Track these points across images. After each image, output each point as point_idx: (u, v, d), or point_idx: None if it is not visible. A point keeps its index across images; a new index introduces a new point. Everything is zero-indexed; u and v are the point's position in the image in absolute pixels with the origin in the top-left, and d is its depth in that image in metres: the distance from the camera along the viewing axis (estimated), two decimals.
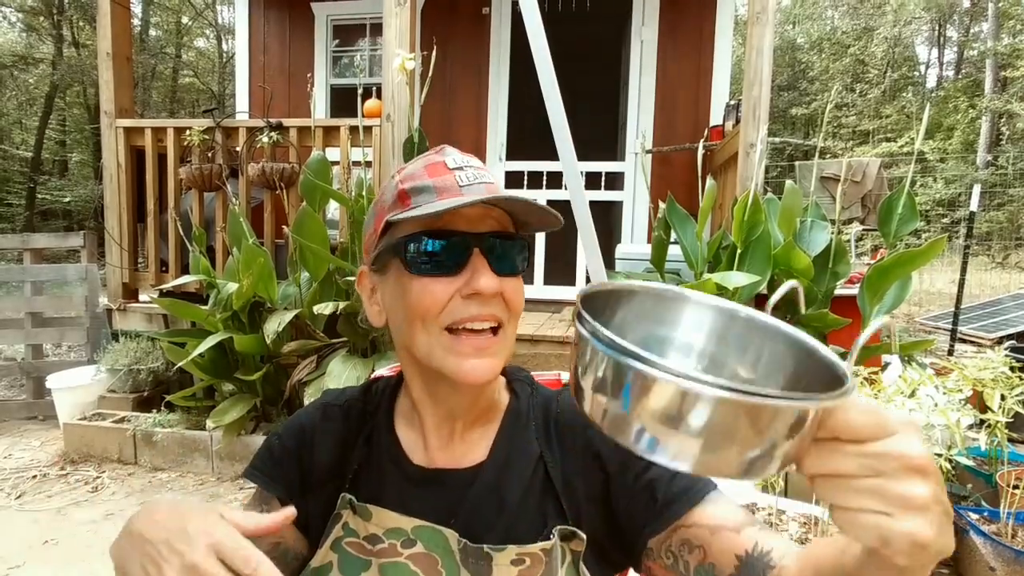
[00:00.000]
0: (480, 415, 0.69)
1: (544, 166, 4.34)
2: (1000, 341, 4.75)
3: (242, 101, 4.95)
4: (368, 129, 3.05)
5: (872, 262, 2.73)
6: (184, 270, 3.38)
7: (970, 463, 1.93)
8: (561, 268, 4.45)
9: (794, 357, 0.45)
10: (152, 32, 17.12)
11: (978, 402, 1.88)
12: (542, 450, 0.66)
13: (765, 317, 0.48)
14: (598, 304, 0.45)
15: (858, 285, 2.50)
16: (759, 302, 2.75)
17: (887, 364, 2.90)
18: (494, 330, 0.61)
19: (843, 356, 0.41)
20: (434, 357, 0.60)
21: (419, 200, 0.60)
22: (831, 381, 0.40)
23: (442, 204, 0.58)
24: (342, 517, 0.66)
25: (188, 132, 3.27)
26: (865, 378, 1.68)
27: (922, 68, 21.01)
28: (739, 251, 2.53)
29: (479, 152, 4.50)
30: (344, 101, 4.80)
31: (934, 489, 0.36)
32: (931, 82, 20.55)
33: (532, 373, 0.81)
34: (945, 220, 13.67)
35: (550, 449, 0.67)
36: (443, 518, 0.63)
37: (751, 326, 0.48)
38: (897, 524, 0.35)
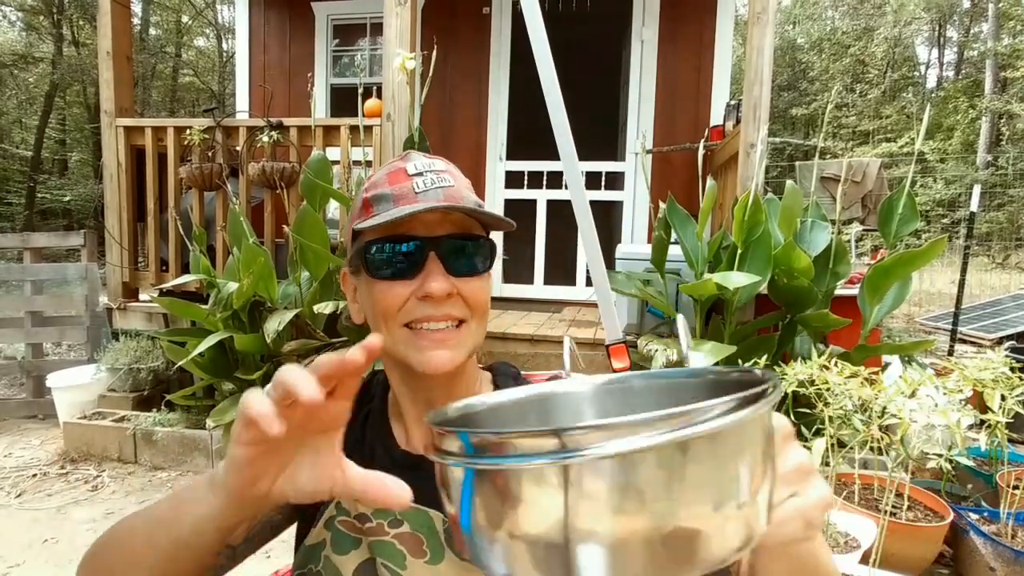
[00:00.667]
0: None
1: (544, 166, 4.34)
2: (1000, 341, 4.75)
3: (242, 100, 4.95)
4: (368, 128, 3.05)
5: (872, 262, 2.73)
6: (184, 269, 3.38)
7: (970, 463, 1.93)
8: (561, 268, 4.45)
9: (704, 389, 0.40)
10: (152, 31, 17.10)
11: (978, 402, 1.88)
12: None
13: (654, 372, 0.44)
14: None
15: (858, 285, 2.50)
16: (758, 302, 2.76)
17: (887, 364, 2.90)
18: (457, 325, 0.64)
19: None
20: (398, 351, 0.64)
21: (379, 208, 0.64)
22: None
23: (393, 213, 0.61)
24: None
25: (188, 131, 3.27)
26: (865, 378, 1.68)
27: (922, 68, 21.03)
28: (739, 251, 2.52)
29: (479, 152, 4.50)
30: (344, 100, 4.79)
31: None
32: (931, 82, 20.57)
33: (531, 373, 0.81)
34: (945, 220, 13.68)
35: None
36: (429, 501, 0.63)
37: (649, 385, 0.43)
38: (808, 498, 0.35)
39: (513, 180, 4.48)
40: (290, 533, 0.73)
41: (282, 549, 0.93)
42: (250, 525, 0.65)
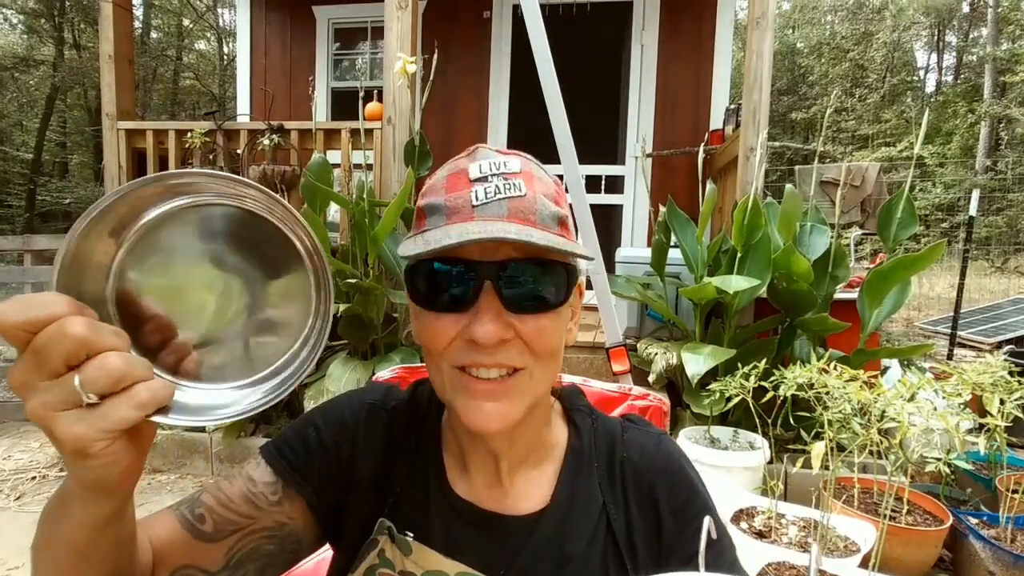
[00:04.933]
0: (528, 455, 0.61)
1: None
2: (999, 345, 4.76)
3: (243, 104, 4.96)
4: (369, 132, 3.06)
5: (872, 266, 2.74)
6: None
7: (969, 467, 1.93)
8: None
9: None
10: (153, 34, 17.15)
11: (977, 406, 1.88)
12: (605, 499, 0.60)
13: None
14: None
15: (858, 289, 2.50)
16: (758, 306, 2.76)
17: (886, 368, 2.90)
18: (511, 372, 0.52)
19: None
20: (446, 392, 0.54)
21: (431, 222, 0.52)
22: None
23: (430, 242, 0.49)
24: (378, 543, 0.58)
25: (189, 134, 3.27)
26: (864, 382, 1.69)
27: (921, 73, 21.08)
28: (739, 255, 2.53)
29: None
30: (345, 104, 4.81)
31: None
32: (930, 87, 20.63)
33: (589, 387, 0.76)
34: (944, 225, 13.68)
35: (613, 498, 0.60)
36: (492, 567, 0.56)
37: None
38: None
39: None
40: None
41: None
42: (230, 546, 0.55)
